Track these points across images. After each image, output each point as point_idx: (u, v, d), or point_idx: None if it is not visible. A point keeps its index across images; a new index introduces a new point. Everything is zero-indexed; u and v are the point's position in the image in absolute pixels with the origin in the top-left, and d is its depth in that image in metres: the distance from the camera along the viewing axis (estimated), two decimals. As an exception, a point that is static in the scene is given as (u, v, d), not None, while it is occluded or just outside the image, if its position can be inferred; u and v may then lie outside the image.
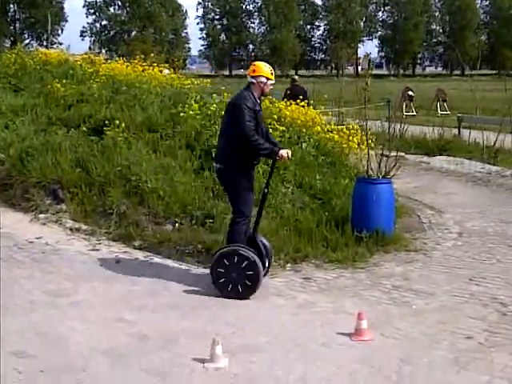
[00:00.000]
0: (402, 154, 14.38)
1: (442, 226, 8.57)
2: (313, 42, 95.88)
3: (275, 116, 9.50)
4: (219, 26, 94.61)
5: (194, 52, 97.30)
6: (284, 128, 9.13)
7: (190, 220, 7.33)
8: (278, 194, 7.91)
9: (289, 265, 6.71)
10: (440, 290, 5.97)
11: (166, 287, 5.96)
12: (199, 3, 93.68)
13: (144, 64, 12.49)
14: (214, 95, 10.12)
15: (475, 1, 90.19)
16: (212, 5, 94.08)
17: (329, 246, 7.12)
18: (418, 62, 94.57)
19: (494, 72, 71.79)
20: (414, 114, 25.63)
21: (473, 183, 11.65)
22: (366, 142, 8.48)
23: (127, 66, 12.16)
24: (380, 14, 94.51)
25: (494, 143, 14.02)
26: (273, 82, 5.92)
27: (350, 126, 10.12)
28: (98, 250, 7.05)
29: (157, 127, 9.16)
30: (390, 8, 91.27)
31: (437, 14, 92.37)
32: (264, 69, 5.85)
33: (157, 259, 6.79)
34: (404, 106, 26.72)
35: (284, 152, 5.83)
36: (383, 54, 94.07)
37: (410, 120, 21.53)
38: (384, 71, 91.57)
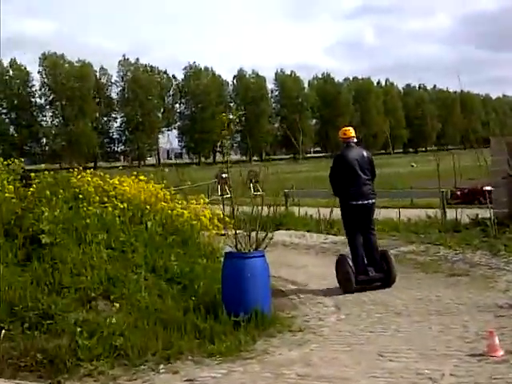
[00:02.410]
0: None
1: (313, 300, 7.73)
2: (111, 134, 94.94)
3: (112, 193, 8.14)
4: (7, 120, 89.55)
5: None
6: (124, 205, 7.81)
7: (21, 324, 5.58)
8: (128, 282, 6.48)
9: (162, 366, 5.28)
10: (354, 371, 4.97)
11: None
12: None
13: None
14: (32, 173, 8.52)
15: (267, 91, 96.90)
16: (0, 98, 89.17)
17: (204, 336, 5.83)
18: (219, 150, 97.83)
19: (289, 156, 76.84)
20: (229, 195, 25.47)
21: (323, 254, 11.14)
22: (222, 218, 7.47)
23: None
24: (177, 105, 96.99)
25: (330, 214, 13.86)
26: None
27: (194, 202, 9.08)
28: None
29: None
30: (187, 100, 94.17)
31: (232, 104, 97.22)
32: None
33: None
34: (219, 188, 26.72)
35: None
36: (183, 143, 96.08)
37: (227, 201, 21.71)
38: (186, 160, 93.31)
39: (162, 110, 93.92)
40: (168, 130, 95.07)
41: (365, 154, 8.39)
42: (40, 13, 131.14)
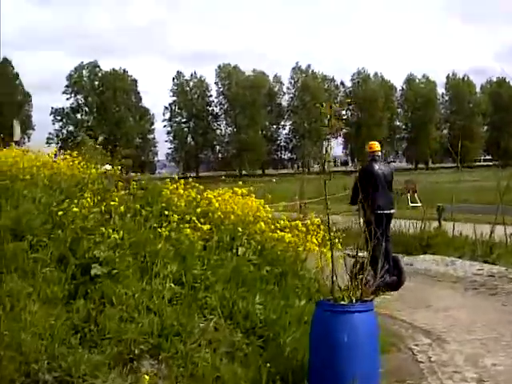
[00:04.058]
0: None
1: (448, 365, 5.71)
2: (279, 142, 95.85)
3: (198, 210, 6.71)
4: (186, 129, 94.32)
5: (161, 155, 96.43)
6: (209, 226, 6.35)
7: (33, 388, 4.32)
8: (189, 334, 4.97)
9: None
10: None
11: None
12: (166, 108, 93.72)
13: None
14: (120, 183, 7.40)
15: (436, 96, 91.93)
16: (179, 108, 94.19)
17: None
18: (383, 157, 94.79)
19: (455, 165, 71.67)
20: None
21: (474, 291, 8.85)
22: (329, 242, 5.71)
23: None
24: (344, 112, 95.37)
25: (490, 236, 11.38)
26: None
27: (309, 222, 7.35)
28: None
29: (26, 232, 6.25)
30: (354, 106, 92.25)
31: (399, 110, 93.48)
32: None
33: None
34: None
35: None
36: (348, 151, 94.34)
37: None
38: (351, 168, 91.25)
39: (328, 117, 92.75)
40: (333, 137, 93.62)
41: (388, 167, 9.70)
42: (218, 26, 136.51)
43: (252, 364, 4.86)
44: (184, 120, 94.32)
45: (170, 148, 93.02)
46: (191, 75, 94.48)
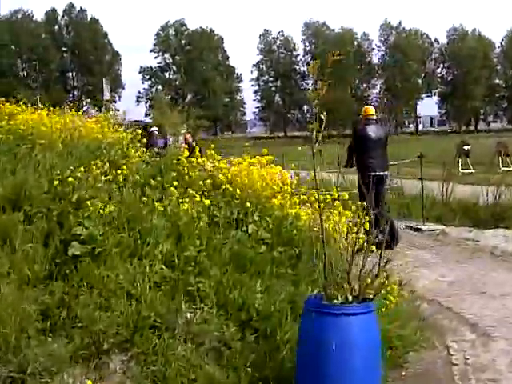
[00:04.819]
0: (442, 227, 10.67)
1: (486, 370, 4.80)
2: (369, 101, 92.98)
3: (208, 182, 6.02)
4: (273, 88, 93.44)
5: (249, 115, 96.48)
6: (207, 201, 5.66)
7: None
8: (173, 325, 4.36)
9: None
10: None
11: None
12: (254, 65, 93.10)
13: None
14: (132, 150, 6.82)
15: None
16: (266, 67, 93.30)
17: None
18: (481, 117, 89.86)
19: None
20: (472, 171, 21.69)
21: (544, 275, 7.70)
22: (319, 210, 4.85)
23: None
24: (439, 70, 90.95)
25: None
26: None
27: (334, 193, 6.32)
28: None
29: (24, 203, 5.81)
30: (449, 63, 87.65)
31: (499, 67, 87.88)
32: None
33: None
34: (460, 162, 22.98)
35: None
36: (443, 110, 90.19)
37: (464, 178, 18.10)
38: (446, 128, 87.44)
39: (421, 76, 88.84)
40: (427, 96, 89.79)
41: (382, 129, 9.73)
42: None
43: (240, 365, 4.20)
44: (271, 79, 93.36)
45: (257, 107, 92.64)
46: (278, 33, 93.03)
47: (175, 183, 5.95)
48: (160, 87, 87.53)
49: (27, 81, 75.43)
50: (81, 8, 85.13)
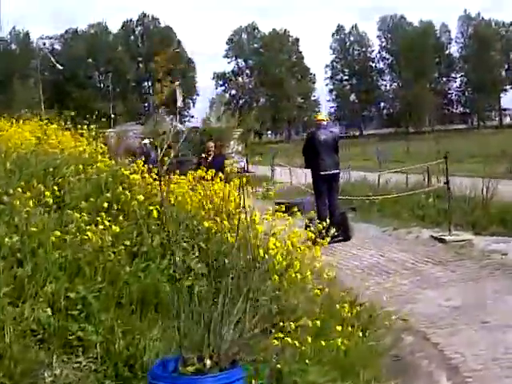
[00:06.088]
0: (471, 236, 9.30)
1: None
2: (449, 95, 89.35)
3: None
4: (348, 87, 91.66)
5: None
6: (121, 227, 4.86)
7: None
8: (39, 381, 3.60)
9: None
10: None
11: None
12: (327, 65, 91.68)
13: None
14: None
15: None
16: (341, 66, 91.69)
17: None
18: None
19: None
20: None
21: None
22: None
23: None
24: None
25: None
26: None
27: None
28: None
29: None
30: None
31: None
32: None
33: None
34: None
35: None
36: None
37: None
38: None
39: (505, 67, 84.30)
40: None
41: (331, 133, 10.26)
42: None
43: None
44: (346, 78, 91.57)
45: (332, 107, 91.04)
46: (351, 28, 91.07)
47: (105, 205, 5.22)
48: (234, 91, 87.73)
49: (104, 92, 77.46)
50: (152, 17, 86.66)
